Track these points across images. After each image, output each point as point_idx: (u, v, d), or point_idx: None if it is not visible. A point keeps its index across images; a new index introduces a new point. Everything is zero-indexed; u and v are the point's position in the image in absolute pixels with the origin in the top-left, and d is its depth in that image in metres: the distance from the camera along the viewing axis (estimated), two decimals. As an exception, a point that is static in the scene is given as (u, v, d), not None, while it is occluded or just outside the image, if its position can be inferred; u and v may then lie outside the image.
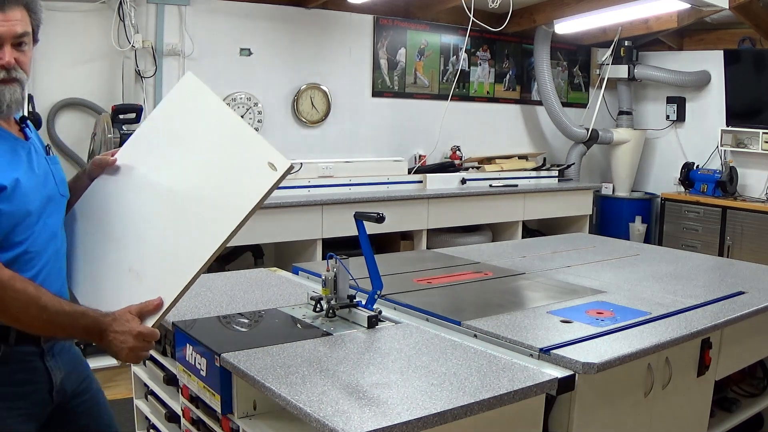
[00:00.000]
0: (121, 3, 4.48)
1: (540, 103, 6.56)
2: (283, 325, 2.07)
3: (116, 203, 1.74)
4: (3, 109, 1.53)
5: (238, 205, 1.52)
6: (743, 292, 2.54)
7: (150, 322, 1.55)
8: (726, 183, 6.14)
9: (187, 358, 1.93)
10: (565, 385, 1.72)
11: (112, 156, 1.81)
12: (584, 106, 6.98)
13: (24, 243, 1.53)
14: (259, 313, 2.16)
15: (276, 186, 1.51)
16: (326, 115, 5.49)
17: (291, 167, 1.52)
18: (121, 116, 4.21)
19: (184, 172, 1.67)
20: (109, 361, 3.59)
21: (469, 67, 6.24)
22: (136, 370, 2.40)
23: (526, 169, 6.10)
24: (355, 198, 4.88)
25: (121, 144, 4.25)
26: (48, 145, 1.72)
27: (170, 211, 1.64)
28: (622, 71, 6.59)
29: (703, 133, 6.57)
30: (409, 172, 5.56)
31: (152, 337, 1.55)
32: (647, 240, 6.56)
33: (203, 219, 1.58)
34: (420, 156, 5.83)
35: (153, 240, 1.64)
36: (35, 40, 1.60)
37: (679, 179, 6.50)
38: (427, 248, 5.05)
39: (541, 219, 6.28)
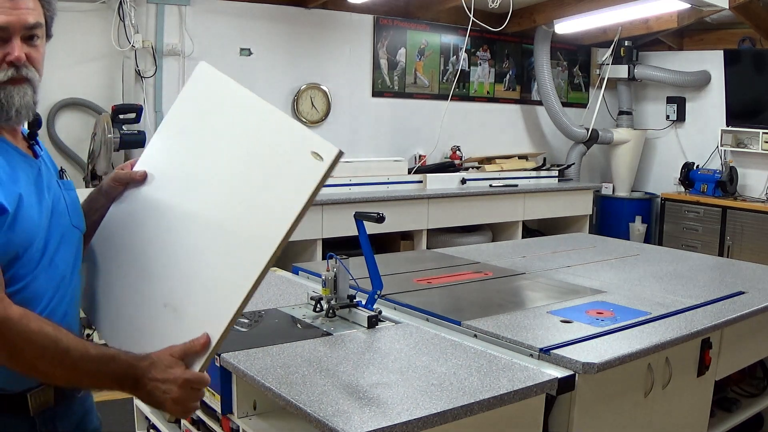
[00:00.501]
0: (121, 3, 4.48)
1: (540, 103, 6.56)
2: (283, 325, 2.07)
3: (141, 228, 1.47)
4: (11, 114, 1.25)
5: (283, 209, 1.25)
6: (743, 292, 2.54)
7: (197, 366, 1.27)
8: (726, 183, 6.14)
9: (187, 358, 1.93)
10: (565, 385, 1.72)
11: (132, 168, 1.53)
12: (584, 106, 6.98)
13: (21, 280, 1.24)
14: (259, 313, 2.16)
15: (325, 179, 1.24)
16: (326, 115, 5.49)
17: (340, 153, 1.25)
18: (121, 116, 4.23)
19: (214, 182, 1.40)
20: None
21: (469, 67, 6.23)
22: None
23: (526, 169, 6.10)
24: (355, 198, 4.88)
25: (121, 144, 4.28)
26: (62, 168, 1.45)
27: (204, 230, 1.37)
28: (622, 71, 6.59)
29: (703, 133, 6.57)
30: (409, 172, 5.56)
31: (202, 383, 1.27)
32: (647, 240, 6.56)
33: (244, 234, 1.30)
34: (420, 156, 5.83)
35: (189, 267, 1.37)
36: (48, 35, 1.36)
37: (679, 179, 6.50)
38: (427, 248, 5.05)
39: (541, 219, 6.29)
